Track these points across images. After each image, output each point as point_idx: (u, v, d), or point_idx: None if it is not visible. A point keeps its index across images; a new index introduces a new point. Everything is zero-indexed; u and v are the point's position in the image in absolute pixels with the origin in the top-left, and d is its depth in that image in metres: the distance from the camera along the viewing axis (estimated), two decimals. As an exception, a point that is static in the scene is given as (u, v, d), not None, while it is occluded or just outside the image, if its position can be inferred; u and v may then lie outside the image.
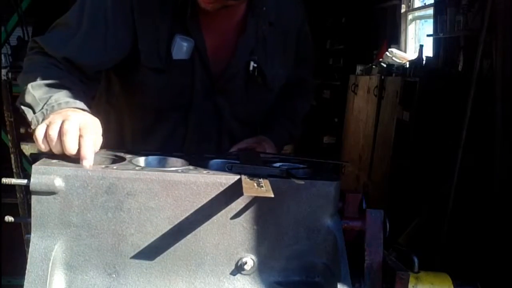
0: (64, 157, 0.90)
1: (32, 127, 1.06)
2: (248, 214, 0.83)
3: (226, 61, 1.35)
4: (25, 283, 0.78)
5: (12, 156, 2.46)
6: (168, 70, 1.29)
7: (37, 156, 0.91)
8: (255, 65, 1.35)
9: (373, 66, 5.11)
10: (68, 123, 0.93)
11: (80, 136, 0.92)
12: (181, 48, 1.29)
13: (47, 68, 1.17)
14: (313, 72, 1.71)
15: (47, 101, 1.06)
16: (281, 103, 1.56)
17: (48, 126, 0.95)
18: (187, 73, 1.32)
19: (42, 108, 1.05)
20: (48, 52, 1.21)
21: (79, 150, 0.90)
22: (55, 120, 0.95)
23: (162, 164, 0.98)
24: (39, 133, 0.95)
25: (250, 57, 1.35)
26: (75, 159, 0.95)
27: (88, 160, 0.89)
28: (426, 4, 5.23)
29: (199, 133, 1.39)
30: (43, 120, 1.03)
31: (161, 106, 1.35)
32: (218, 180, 0.82)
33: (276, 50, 1.42)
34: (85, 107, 1.07)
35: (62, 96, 1.08)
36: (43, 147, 0.94)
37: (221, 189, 0.82)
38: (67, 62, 1.20)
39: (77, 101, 1.07)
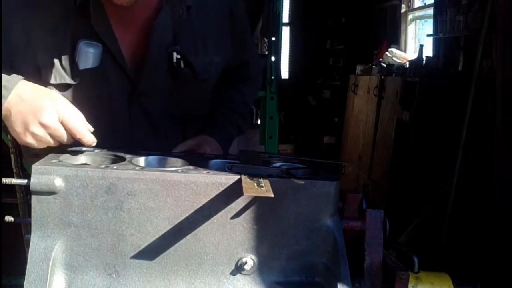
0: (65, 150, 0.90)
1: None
2: (248, 214, 0.83)
3: (142, 55, 1.20)
4: (25, 283, 0.78)
5: (12, 156, 2.45)
6: (78, 83, 1.15)
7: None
8: (178, 56, 1.20)
9: (373, 66, 5.11)
10: (43, 116, 0.96)
11: (63, 124, 0.96)
12: (87, 55, 1.13)
13: None
14: (256, 53, 1.57)
15: None
16: (225, 92, 1.42)
17: (26, 130, 0.97)
18: (100, 82, 1.18)
19: None
20: None
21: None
22: (22, 117, 0.97)
23: (162, 164, 0.98)
24: (27, 141, 0.98)
25: (171, 48, 1.20)
26: (75, 159, 0.95)
27: (88, 137, 0.94)
28: (426, 4, 5.23)
29: (135, 143, 1.23)
30: None
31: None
32: (218, 180, 0.82)
33: (206, 35, 1.27)
34: (21, 77, 1.03)
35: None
36: (40, 146, 0.98)
37: (221, 189, 0.82)
38: None
39: (12, 76, 1.02)
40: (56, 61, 1.12)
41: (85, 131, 1.01)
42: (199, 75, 1.25)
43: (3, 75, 1.03)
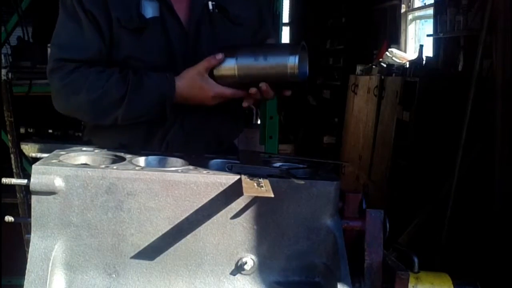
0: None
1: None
2: (248, 214, 0.83)
3: (189, 10, 1.41)
4: (25, 283, 0.78)
5: (12, 156, 2.45)
6: (146, 29, 1.34)
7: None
8: (214, 2, 1.41)
9: (373, 66, 5.11)
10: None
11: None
12: (148, 8, 1.35)
13: (107, 74, 1.31)
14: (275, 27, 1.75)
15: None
16: None
17: None
18: (159, 31, 1.36)
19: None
20: (79, 60, 1.31)
21: None
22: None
23: (162, 164, 0.98)
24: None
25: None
26: (75, 159, 0.95)
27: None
28: (426, 4, 5.23)
29: None
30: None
31: (144, 67, 1.37)
32: (218, 180, 0.82)
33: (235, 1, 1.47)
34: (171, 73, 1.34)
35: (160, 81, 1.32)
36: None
37: (221, 189, 0.82)
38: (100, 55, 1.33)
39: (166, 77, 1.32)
40: (127, 12, 1.33)
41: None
42: (235, 19, 1.44)
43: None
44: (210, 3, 1.41)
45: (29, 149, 2.59)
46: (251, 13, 1.51)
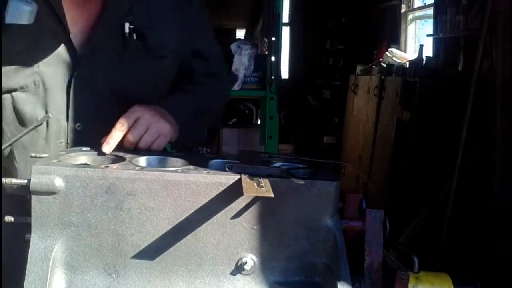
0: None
1: None
2: (248, 214, 0.83)
3: (93, 24, 1.13)
4: (25, 283, 0.78)
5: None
6: (3, 38, 1.06)
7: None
8: (132, 26, 1.13)
9: (373, 66, 5.11)
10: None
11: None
12: (18, 10, 1.05)
13: None
14: (218, 48, 1.42)
15: None
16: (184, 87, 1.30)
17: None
18: (29, 42, 1.09)
19: None
20: None
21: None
22: None
23: (162, 164, 0.98)
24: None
25: (125, 18, 1.13)
26: (75, 159, 0.95)
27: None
28: (426, 4, 5.23)
29: (74, 120, 1.15)
30: None
31: (8, 86, 1.10)
32: (218, 180, 0.82)
33: (164, 14, 1.21)
34: None
35: None
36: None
37: (221, 189, 0.82)
38: None
39: None
40: None
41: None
42: (152, 51, 1.17)
43: None
44: (127, 25, 1.13)
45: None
46: (177, 34, 1.22)
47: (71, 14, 1.12)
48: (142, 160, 0.96)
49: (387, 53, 4.98)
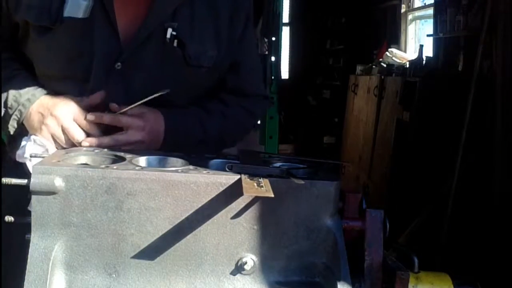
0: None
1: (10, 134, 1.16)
2: (248, 214, 0.83)
3: (138, 23, 1.15)
4: (25, 283, 0.78)
5: (12, 156, 2.46)
6: (58, 29, 1.11)
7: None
8: (174, 33, 1.14)
9: (373, 66, 5.12)
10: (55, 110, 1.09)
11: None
12: (77, 5, 1.10)
13: None
14: (261, 82, 1.41)
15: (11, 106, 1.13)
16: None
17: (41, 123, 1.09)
18: (83, 36, 1.13)
19: (12, 115, 1.13)
20: None
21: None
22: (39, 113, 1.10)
23: (162, 164, 0.98)
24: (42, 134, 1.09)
25: (168, 23, 1.15)
26: (75, 159, 0.95)
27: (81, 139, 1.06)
28: (426, 4, 5.23)
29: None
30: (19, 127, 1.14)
31: (53, 74, 1.17)
32: (218, 180, 0.82)
33: (206, 25, 1.21)
34: (42, 92, 1.15)
35: (17, 94, 1.14)
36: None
37: (221, 189, 0.82)
38: None
39: (35, 92, 1.14)
40: (45, 2, 1.10)
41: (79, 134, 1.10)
42: (191, 60, 1.18)
43: (28, 89, 1.14)
44: (169, 30, 1.14)
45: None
46: (218, 52, 1.22)
47: (119, 11, 1.14)
48: (142, 160, 0.96)
49: (387, 53, 4.98)
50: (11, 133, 1.15)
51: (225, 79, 1.31)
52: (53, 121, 1.10)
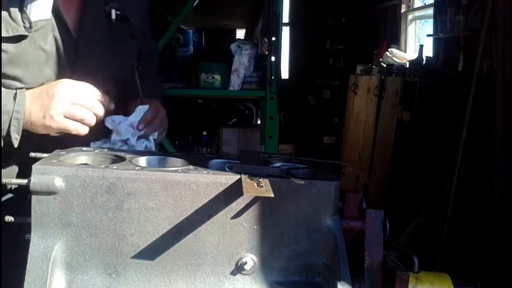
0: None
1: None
2: (248, 214, 0.83)
3: (81, 12, 1.16)
4: (25, 283, 0.78)
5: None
6: (31, 36, 1.07)
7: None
8: (118, 12, 1.17)
9: (373, 66, 5.12)
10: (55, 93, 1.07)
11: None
12: (38, 5, 1.06)
13: None
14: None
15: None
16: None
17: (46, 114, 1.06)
18: (49, 38, 1.11)
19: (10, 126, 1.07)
20: None
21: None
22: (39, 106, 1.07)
23: (162, 164, 0.98)
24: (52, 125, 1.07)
25: (109, 5, 1.17)
26: (75, 159, 0.95)
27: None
28: (426, 4, 5.23)
29: None
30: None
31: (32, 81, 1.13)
32: (218, 180, 0.82)
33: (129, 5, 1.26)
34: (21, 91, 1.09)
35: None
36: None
37: (221, 189, 0.82)
38: None
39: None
40: (4, 13, 1.04)
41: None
42: (136, 32, 1.25)
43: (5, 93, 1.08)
44: (113, 11, 1.17)
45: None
46: (142, 20, 1.32)
47: (63, 7, 1.14)
48: (142, 160, 0.96)
49: (387, 53, 4.98)
50: (15, 146, 1.08)
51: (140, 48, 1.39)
52: (75, 107, 1.08)
